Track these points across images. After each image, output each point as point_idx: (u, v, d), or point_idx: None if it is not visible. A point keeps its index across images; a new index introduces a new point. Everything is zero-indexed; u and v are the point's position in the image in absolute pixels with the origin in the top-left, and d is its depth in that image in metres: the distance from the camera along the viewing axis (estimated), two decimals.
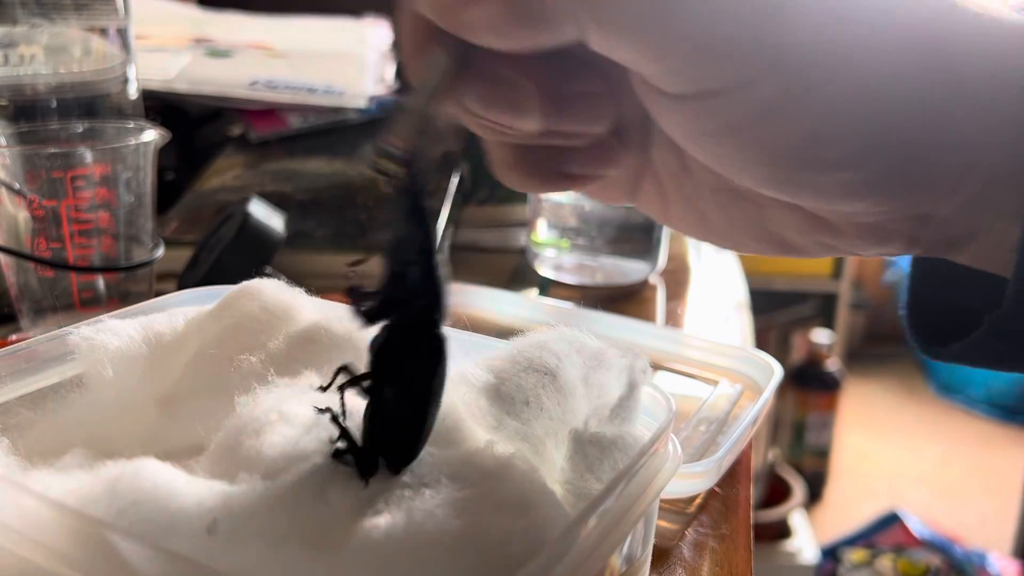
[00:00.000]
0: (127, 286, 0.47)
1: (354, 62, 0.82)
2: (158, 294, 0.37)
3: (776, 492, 1.77)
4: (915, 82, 0.22)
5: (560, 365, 0.26)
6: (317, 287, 0.32)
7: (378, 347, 0.23)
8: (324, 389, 0.24)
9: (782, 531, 1.69)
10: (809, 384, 1.92)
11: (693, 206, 0.29)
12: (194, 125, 0.80)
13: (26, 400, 0.28)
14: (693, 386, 0.46)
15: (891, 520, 1.71)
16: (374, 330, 0.23)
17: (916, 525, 1.69)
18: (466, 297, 0.54)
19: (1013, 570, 1.65)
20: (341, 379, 0.23)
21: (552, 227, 0.64)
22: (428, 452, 0.23)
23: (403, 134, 0.23)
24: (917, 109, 0.22)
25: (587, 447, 0.24)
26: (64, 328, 0.29)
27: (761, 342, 0.72)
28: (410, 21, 0.24)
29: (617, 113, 0.26)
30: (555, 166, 0.27)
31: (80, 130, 0.47)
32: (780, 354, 1.79)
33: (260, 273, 0.32)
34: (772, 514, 1.69)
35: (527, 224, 0.67)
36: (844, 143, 0.22)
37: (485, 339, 0.31)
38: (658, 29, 0.22)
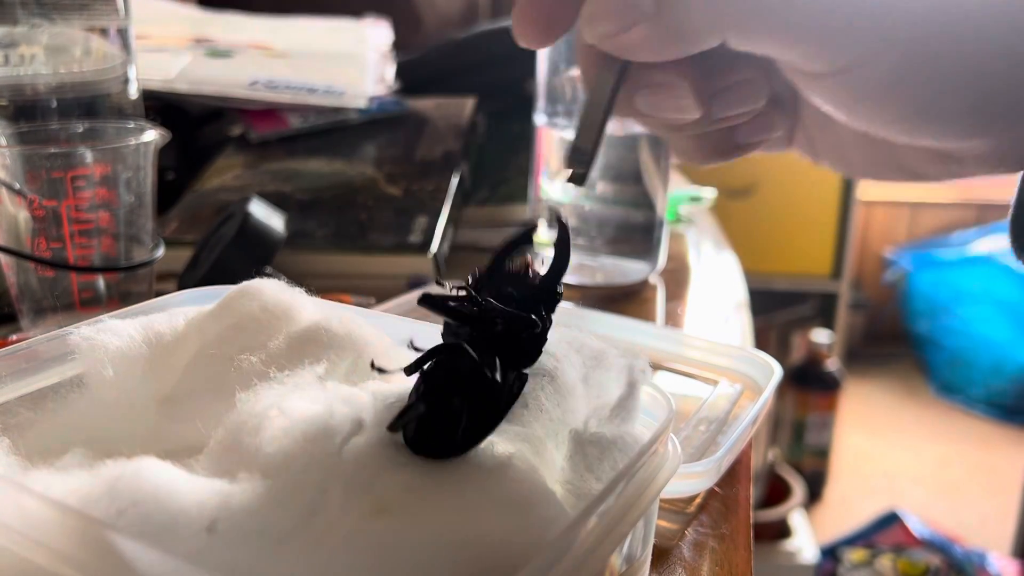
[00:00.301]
0: (127, 286, 0.47)
1: (354, 62, 0.82)
2: (158, 294, 0.37)
3: (776, 492, 1.77)
4: (1011, 38, 0.26)
5: (558, 366, 0.26)
6: (317, 287, 0.32)
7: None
8: (381, 370, 0.25)
9: (782, 531, 1.69)
10: (809, 384, 1.92)
11: (838, 150, 0.34)
12: (194, 125, 0.80)
13: (26, 400, 0.28)
14: (693, 386, 0.46)
15: (891, 520, 1.71)
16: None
17: (916, 525, 1.69)
18: None
19: (1013, 570, 1.65)
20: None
21: (552, 227, 0.64)
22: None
23: (586, 139, 0.29)
24: (1017, 61, 0.26)
25: (587, 447, 0.24)
26: (64, 328, 0.29)
27: (761, 342, 0.72)
28: (580, 48, 0.30)
29: (770, 90, 0.32)
30: (728, 141, 0.33)
31: (80, 130, 0.47)
32: (780, 354, 1.79)
33: (260, 273, 0.32)
34: (772, 514, 1.69)
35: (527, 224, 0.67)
36: (961, 97, 0.27)
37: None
38: (785, 26, 0.26)
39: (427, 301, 0.24)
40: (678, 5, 0.26)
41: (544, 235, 0.65)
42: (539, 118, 0.63)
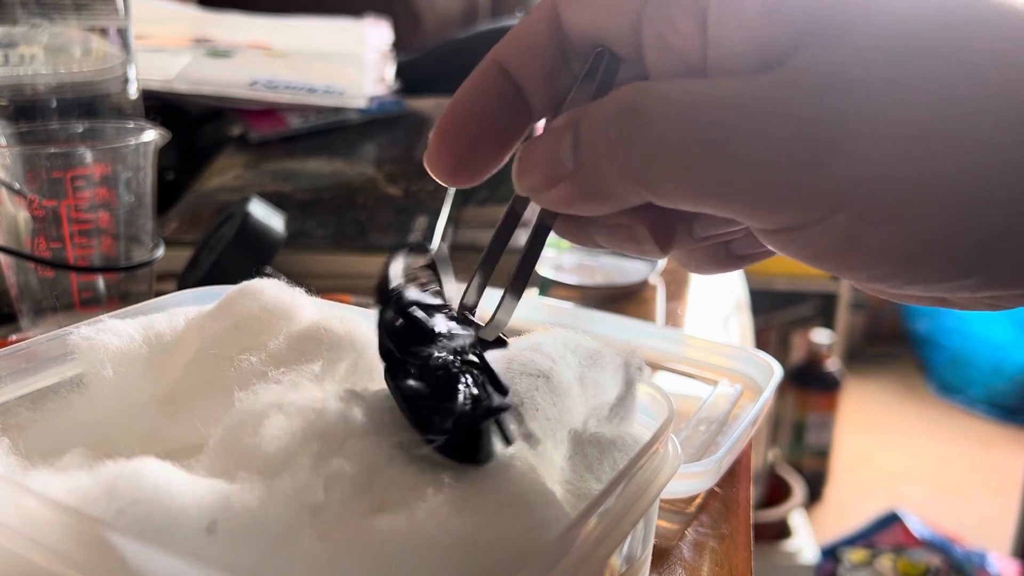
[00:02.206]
0: (127, 286, 0.47)
1: (354, 62, 0.82)
2: (158, 294, 0.37)
3: (776, 492, 1.77)
4: (998, 193, 0.21)
5: (554, 367, 0.26)
6: (317, 287, 0.32)
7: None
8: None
9: (782, 531, 1.69)
10: (809, 384, 1.92)
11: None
12: (194, 125, 0.80)
13: (26, 400, 0.28)
14: (693, 386, 0.46)
15: (891, 520, 1.71)
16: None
17: (916, 525, 1.69)
18: None
19: (1013, 570, 1.65)
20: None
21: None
22: (429, 451, 0.23)
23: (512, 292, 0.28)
24: (1002, 216, 0.21)
25: (586, 447, 0.24)
26: (64, 328, 0.29)
27: (761, 342, 0.72)
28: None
29: None
30: (725, 254, 0.30)
31: (80, 130, 0.47)
32: (780, 354, 1.79)
33: (260, 273, 0.32)
34: (772, 514, 1.69)
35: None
36: (939, 256, 0.22)
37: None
38: (713, 187, 0.22)
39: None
40: (596, 163, 0.24)
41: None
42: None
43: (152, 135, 0.46)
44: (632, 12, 0.24)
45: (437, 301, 0.27)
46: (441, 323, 0.25)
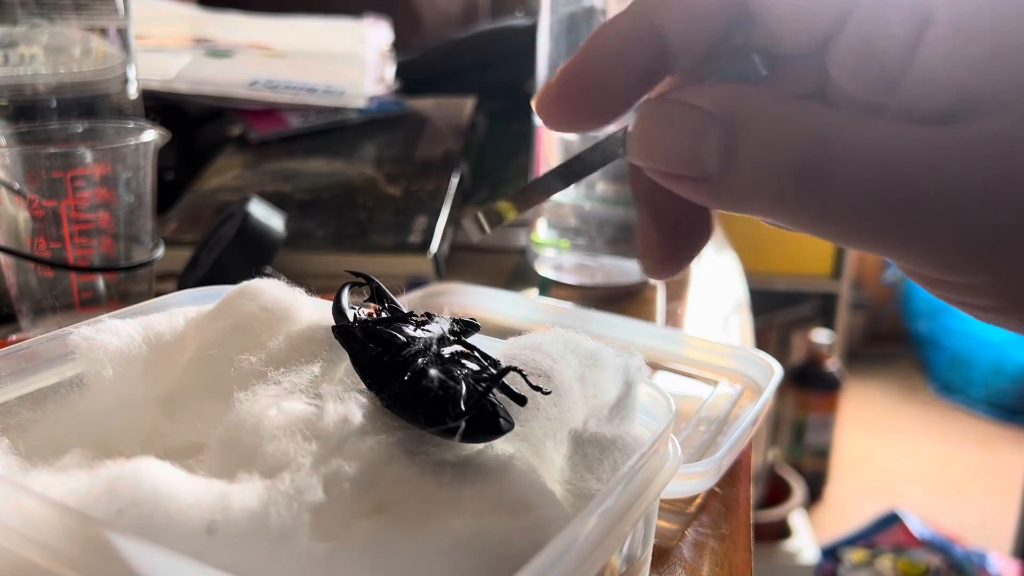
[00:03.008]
0: (127, 286, 0.47)
1: (354, 62, 0.82)
2: (158, 294, 0.37)
3: (776, 492, 1.77)
4: None
5: (554, 367, 0.26)
6: (317, 287, 0.32)
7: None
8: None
9: (782, 531, 1.69)
10: (809, 384, 1.92)
11: None
12: (194, 125, 0.80)
13: (26, 400, 0.28)
14: (693, 386, 0.46)
15: (891, 520, 1.71)
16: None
17: (916, 525, 1.69)
18: (466, 297, 0.54)
19: (1013, 570, 1.65)
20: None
21: (552, 227, 0.64)
22: (428, 451, 0.23)
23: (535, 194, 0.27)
24: None
25: (587, 447, 0.24)
26: (64, 328, 0.29)
27: (761, 342, 0.72)
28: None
29: None
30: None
31: (80, 130, 0.47)
32: (780, 354, 1.79)
33: (260, 273, 0.32)
34: (772, 514, 1.69)
35: (527, 224, 0.67)
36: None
37: (485, 339, 0.31)
38: (891, 239, 0.21)
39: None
40: (747, 180, 0.22)
41: (544, 235, 0.65)
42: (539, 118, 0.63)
43: (152, 135, 0.46)
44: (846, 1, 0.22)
45: (397, 313, 0.27)
46: (409, 331, 0.25)
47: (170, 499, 0.19)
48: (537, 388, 0.25)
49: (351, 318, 0.26)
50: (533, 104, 0.25)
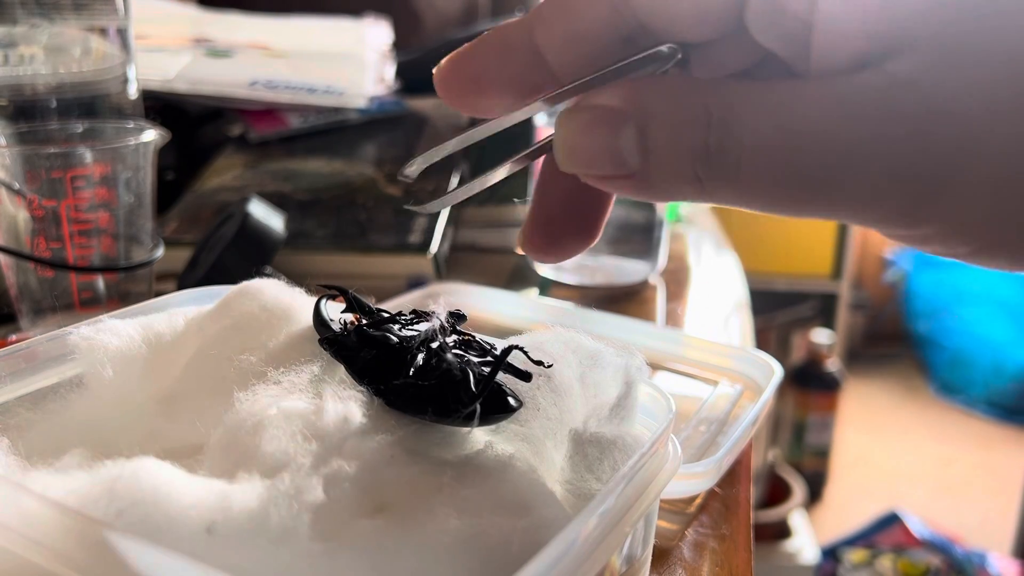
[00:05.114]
0: (127, 286, 0.47)
1: (354, 62, 0.82)
2: (158, 294, 0.37)
3: (776, 492, 1.77)
4: None
5: (555, 366, 0.26)
6: (317, 287, 0.32)
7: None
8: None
9: (782, 531, 1.69)
10: (809, 384, 1.92)
11: None
12: (194, 125, 0.80)
13: (26, 400, 0.28)
14: (693, 386, 0.46)
15: (891, 520, 1.71)
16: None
17: (916, 525, 1.69)
18: (466, 297, 0.54)
19: (1013, 570, 1.65)
20: None
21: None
22: (428, 451, 0.23)
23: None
24: None
25: (587, 447, 0.24)
26: (64, 328, 0.29)
27: (761, 342, 0.72)
28: None
29: None
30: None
31: (80, 130, 0.47)
32: (780, 354, 1.79)
33: (260, 273, 0.32)
34: (772, 514, 1.69)
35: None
36: None
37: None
38: (811, 198, 0.20)
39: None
40: (668, 169, 0.22)
41: None
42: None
43: (152, 135, 0.46)
44: None
45: (381, 317, 0.27)
46: (397, 330, 0.25)
47: (170, 499, 0.19)
48: (539, 363, 0.25)
49: (336, 328, 0.26)
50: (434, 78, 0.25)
